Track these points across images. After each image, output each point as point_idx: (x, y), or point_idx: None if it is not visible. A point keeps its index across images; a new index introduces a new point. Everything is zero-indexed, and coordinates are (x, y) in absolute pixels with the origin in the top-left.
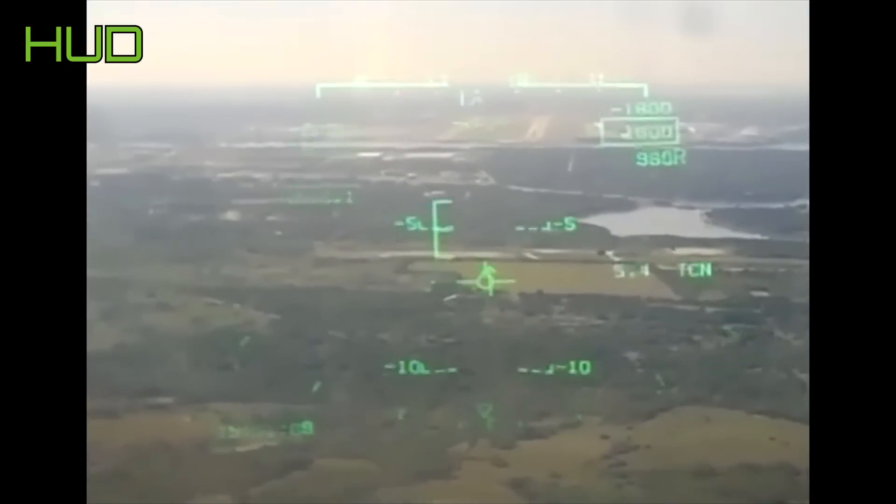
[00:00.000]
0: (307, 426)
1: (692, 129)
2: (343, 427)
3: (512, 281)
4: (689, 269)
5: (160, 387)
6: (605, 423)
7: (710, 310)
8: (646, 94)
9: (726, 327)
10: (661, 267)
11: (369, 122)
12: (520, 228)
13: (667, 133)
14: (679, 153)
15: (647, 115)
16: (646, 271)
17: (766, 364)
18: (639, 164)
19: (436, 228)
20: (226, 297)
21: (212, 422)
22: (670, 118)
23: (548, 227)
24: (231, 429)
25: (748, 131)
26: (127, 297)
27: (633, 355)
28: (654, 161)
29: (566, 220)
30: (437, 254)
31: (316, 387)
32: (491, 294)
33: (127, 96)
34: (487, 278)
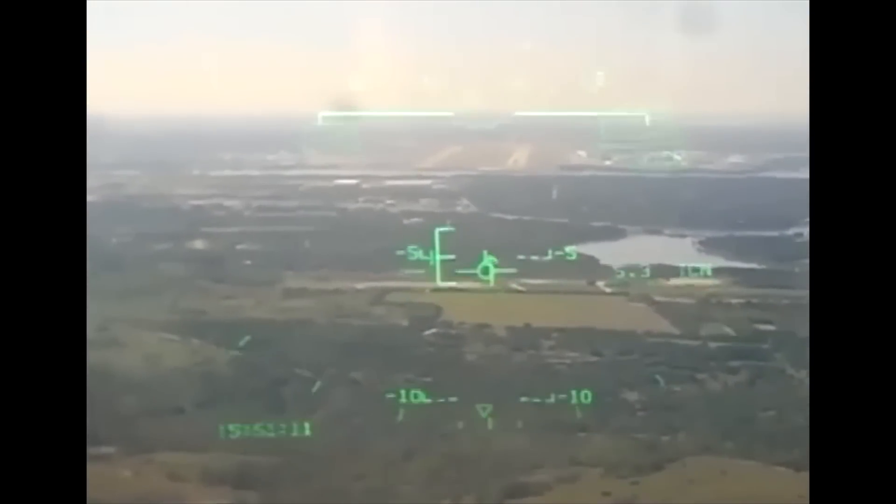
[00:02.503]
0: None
1: (678, 157)
2: (306, 484)
3: (513, 270)
4: (689, 269)
5: (101, 434)
6: (606, 475)
7: (713, 345)
8: (647, 122)
9: (733, 364)
10: (657, 298)
11: (347, 151)
12: (521, 257)
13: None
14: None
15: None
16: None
17: (780, 407)
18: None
19: (438, 257)
20: (184, 332)
21: (156, 477)
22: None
23: (549, 256)
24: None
25: (735, 159)
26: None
27: (632, 396)
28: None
29: (567, 249)
30: (439, 282)
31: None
32: (492, 283)
33: (102, 124)
34: (488, 268)
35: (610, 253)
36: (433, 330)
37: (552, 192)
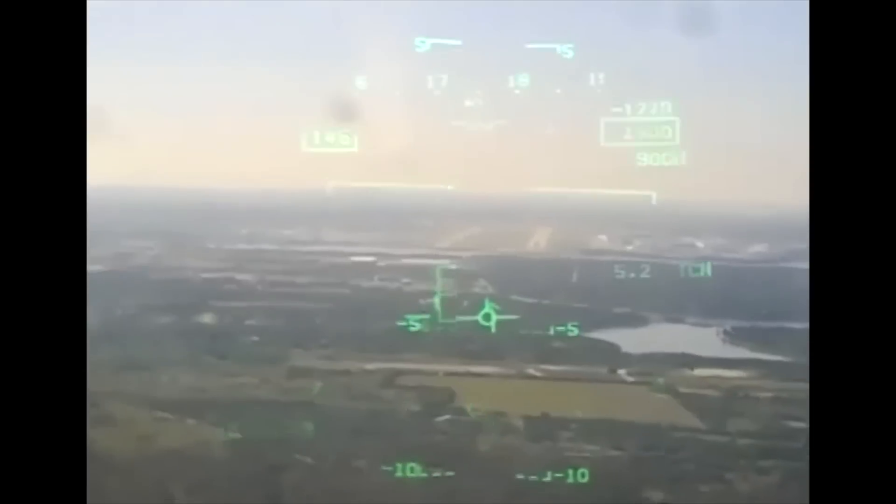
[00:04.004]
0: None
1: (700, 244)
2: None
3: (515, 317)
4: (689, 269)
5: None
6: None
7: (741, 441)
8: (653, 201)
9: (763, 464)
10: (682, 389)
11: (365, 227)
12: (523, 332)
13: (667, 133)
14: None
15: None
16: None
17: None
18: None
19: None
20: (180, 411)
21: None
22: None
23: (551, 332)
24: None
25: (757, 248)
26: None
27: (656, 496)
28: (656, 161)
29: (569, 325)
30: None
31: None
32: (493, 331)
33: (118, 194)
34: (490, 314)
35: (631, 340)
36: (446, 416)
37: (572, 276)
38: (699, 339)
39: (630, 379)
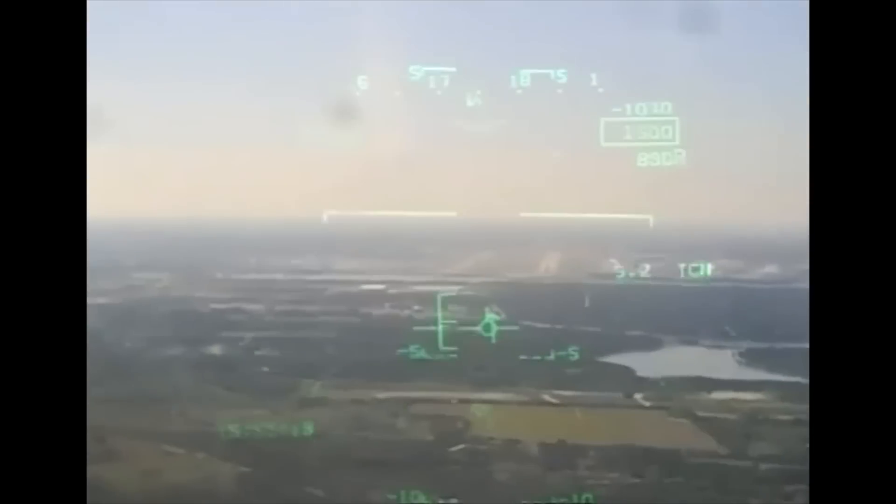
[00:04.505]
0: None
1: (711, 266)
2: None
3: (515, 328)
4: (690, 269)
5: None
6: None
7: (764, 466)
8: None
9: (787, 488)
10: (700, 413)
11: (374, 255)
12: (536, 357)
13: (667, 133)
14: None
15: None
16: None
17: None
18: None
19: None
20: (188, 445)
21: None
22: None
23: (552, 357)
24: None
25: (769, 269)
26: None
27: None
28: (655, 161)
29: (570, 349)
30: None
31: None
32: (494, 341)
33: (128, 227)
34: (490, 325)
35: (646, 364)
36: (461, 446)
37: (584, 300)
38: (715, 361)
39: (647, 403)
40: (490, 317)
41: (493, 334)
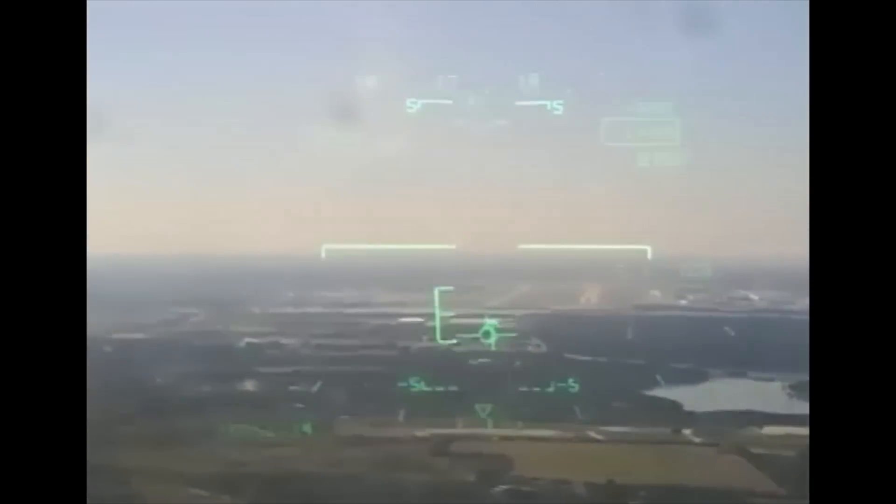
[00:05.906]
0: None
1: (754, 297)
2: None
3: (513, 334)
4: (689, 269)
5: None
6: None
7: None
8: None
9: None
10: (753, 450)
11: (413, 288)
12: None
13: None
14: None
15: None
16: None
17: None
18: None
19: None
20: (216, 487)
21: None
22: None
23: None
24: None
25: None
26: (92, 484)
27: None
28: (656, 161)
29: (569, 380)
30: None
31: None
32: (493, 348)
33: (167, 263)
34: (490, 332)
35: (693, 398)
36: (504, 486)
37: (627, 332)
38: (764, 394)
39: (696, 440)
40: (489, 324)
41: (492, 341)
